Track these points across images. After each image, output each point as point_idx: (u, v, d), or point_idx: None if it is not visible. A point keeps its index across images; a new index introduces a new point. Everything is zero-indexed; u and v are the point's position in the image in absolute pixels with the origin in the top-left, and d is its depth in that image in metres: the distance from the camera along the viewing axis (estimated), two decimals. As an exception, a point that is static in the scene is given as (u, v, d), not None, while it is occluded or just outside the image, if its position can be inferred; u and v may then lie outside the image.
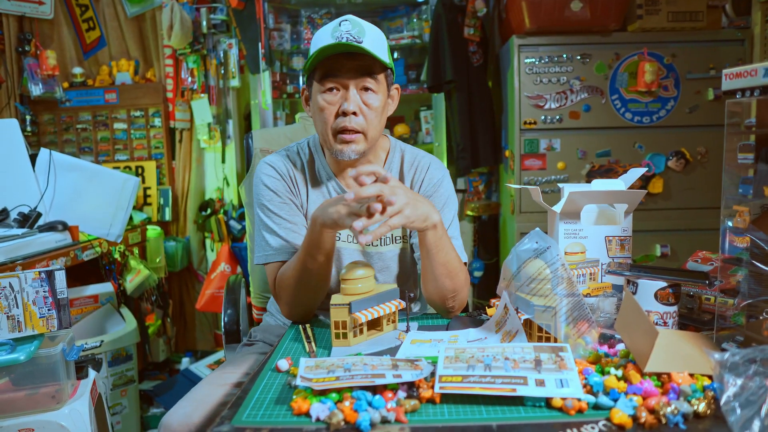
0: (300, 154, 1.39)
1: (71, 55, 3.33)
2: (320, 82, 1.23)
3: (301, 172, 1.37)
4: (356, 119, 1.22)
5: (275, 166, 1.35)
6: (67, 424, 1.50)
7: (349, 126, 1.22)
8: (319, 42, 1.20)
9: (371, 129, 1.25)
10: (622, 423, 0.69)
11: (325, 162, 1.37)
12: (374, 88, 1.23)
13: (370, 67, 1.21)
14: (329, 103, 1.22)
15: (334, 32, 1.18)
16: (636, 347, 0.83)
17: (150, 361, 2.99)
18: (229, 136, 3.35)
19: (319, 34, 1.22)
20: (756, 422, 0.67)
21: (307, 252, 1.16)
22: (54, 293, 1.45)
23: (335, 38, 1.17)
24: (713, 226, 2.71)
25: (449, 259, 1.18)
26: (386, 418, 0.73)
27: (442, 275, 1.19)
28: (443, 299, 1.22)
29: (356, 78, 1.21)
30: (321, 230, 1.11)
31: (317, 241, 1.14)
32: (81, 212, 2.38)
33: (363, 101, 1.23)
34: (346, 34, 1.17)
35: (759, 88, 0.86)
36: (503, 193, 3.19)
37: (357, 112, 1.22)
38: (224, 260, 3.10)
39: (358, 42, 1.16)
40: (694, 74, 2.72)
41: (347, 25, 1.18)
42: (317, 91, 1.24)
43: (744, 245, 0.94)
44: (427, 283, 1.23)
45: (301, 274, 1.18)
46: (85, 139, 3.34)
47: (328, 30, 1.20)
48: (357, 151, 1.24)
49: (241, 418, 0.76)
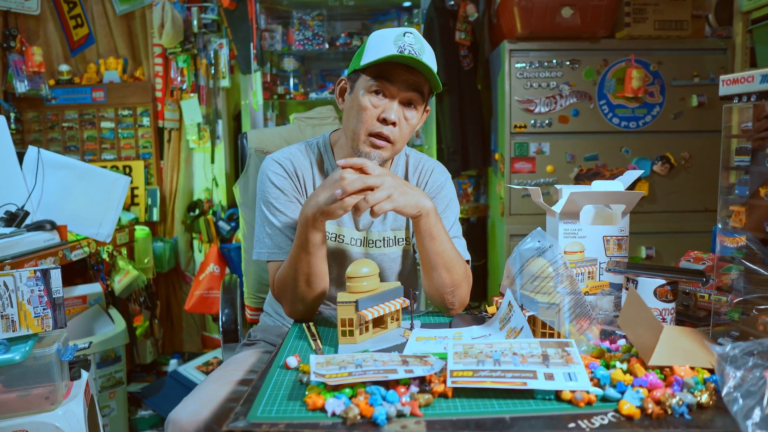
0: (308, 153, 1.39)
1: (58, 52, 3.29)
2: (372, 81, 1.22)
3: (308, 171, 1.37)
4: (392, 129, 1.23)
5: (283, 163, 1.35)
6: (61, 425, 1.48)
7: (384, 133, 1.23)
8: (381, 44, 1.19)
9: (400, 141, 1.27)
10: (631, 414, 0.72)
11: (335, 163, 1.38)
12: (416, 105, 1.25)
13: (421, 84, 1.23)
14: (374, 105, 1.22)
15: (398, 41, 1.18)
16: (640, 342, 0.86)
17: (137, 363, 2.96)
18: (219, 136, 3.34)
19: (380, 37, 1.21)
20: (757, 411, 0.69)
21: (300, 250, 1.16)
22: (49, 292, 1.44)
23: (398, 46, 1.17)
24: (697, 229, 2.80)
25: (445, 248, 1.20)
26: (402, 412, 0.74)
27: (439, 265, 1.20)
28: (442, 294, 1.23)
29: (406, 91, 1.22)
30: (313, 224, 1.12)
31: (306, 239, 1.14)
32: (70, 211, 2.36)
33: (404, 114, 1.24)
34: (409, 46, 1.18)
35: (755, 94, 0.90)
36: (492, 196, 3.23)
37: (396, 123, 1.23)
38: (213, 261, 3.09)
39: (420, 58, 1.18)
40: (678, 81, 2.79)
41: (411, 38, 1.19)
42: (364, 89, 1.23)
43: (735, 245, 0.97)
44: (425, 275, 1.24)
45: (295, 273, 1.19)
46: (71, 137, 3.30)
47: (391, 36, 1.19)
48: (382, 157, 1.26)
49: (255, 413, 0.76)
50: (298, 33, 3.19)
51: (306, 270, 1.18)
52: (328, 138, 1.42)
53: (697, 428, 0.69)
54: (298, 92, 3.26)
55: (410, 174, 1.42)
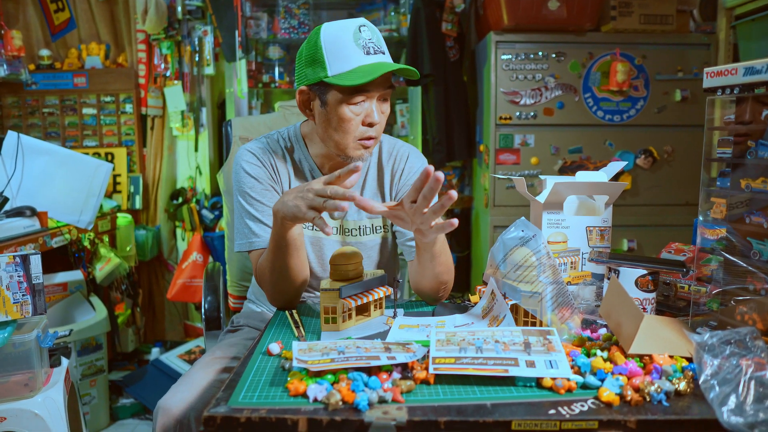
0: (280, 143, 1.38)
1: (38, 37, 3.23)
2: (350, 95, 1.18)
3: (282, 161, 1.36)
4: (377, 127, 1.24)
5: (256, 153, 1.34)
6: (41, 412, 1.47)
7: (373, 135, 1.23)
8: (343, 48, 1.15)
9: (381, 133, 1.28)
10: (610, 401, 0.72)
11: (308, 153, 1.36)
12: (388, 96, 1.25)
13: (390, 79, 1.22)
14: (355, 114, 1.20)
15: (358, 40, 1.16)
16: (620, 330, 0.87)
17: (119, 351, 2.94)
18: (203, 124, 3.30)
19: (338, 37, 1.16)
20: (732, 398, 0.71)
21: (275, 245, 1.15)
22: (29, 278, 1.42)
23: (362, 48, 1.15)
24: (678, 222, 2.83)
25: (448, 257, 1.22)
26: (383, 398, 0.74)
27: (442, 272, 1.21)
28: (436, 291, 1.25)
29: (383, 90, 1.21)
30: (282, 223, 1.10)
31: (282, 234, 1.12)
32: (50, 198, 2.33)
33: (380, 109, 1.23)
34: (370, 43, 1.16)
35: (739, 86, 0.91)
36: (476, 187, 3.24)
37: None
38: (196, 249, 3.07)
39: (382, 52, 1.17)
40: (662, 75, 2.81)
41: (368, 33, 1.17)
42: (338, 102, 1.19)
43: (715, 237, 0.99)
44: (425, 280, 1.23)
45: (273, 265, 1.18)
46: (51, 123, 3.25)
47: (348, 34, 1.16)
48: (370, 153, 1.27)
49: (237, 399, 0.76)
50: (283, 21, 3.15)
51: (281, 264, 1.16)
52: (299, 129, 1.39)
53: (675, 415, 0.70)
54: (283, 81, 3.23)
55: (384, 160, 1.41)
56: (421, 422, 0.70)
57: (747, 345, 0.78)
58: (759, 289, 0.89)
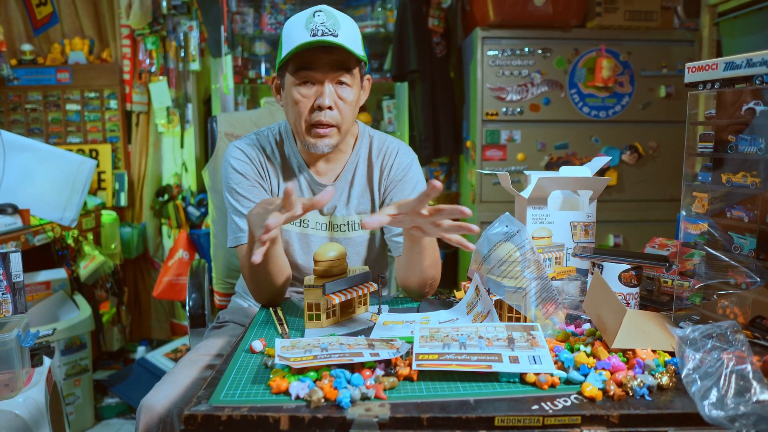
0: (270, 139, 1.38)
1: (20, 31, 3.18)
2: (294, 74, 1.21)
3: (271, 156, 1.36)
4: (331, 113, 1.22)
5: (244, 149, 1.34)
6: (21, 413, 1.45)
7: (323, 120, 1.22)
8: (293, 32, 1.18)
9: (345, 122, 1.26)
10: (593, 396, 0.73)
11: (296, 149, 1.36)
12: (349, 82, 1.23)
13: (345, 61, 1.21)
14: (304, 96, 1.21)
15: (308, 24, 1.16)
16: (604, 325, 0.87)
17: (104, 351, 2.91)
18: (188, 120, 3.27)
19: (292, 24, 1.20)
20: (714, 391, 0.71)
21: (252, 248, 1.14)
22: (9, 276, 1.39)
23: (309, 30, 1.15)
24: (663, 218, 2.85)
25: (435, 251, 1.22)
26: (366, 395, 0.74)
27: (428, 267, 1.21)
28: (423, 286, 1.25)
29: (332, 72, 1.20)
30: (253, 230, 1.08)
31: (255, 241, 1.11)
32: (33, 195, 2.29)
33: (338, 95, 1.22)
34: (321, 26, 1.15)
35: (719, 81, 0.91)
36: (463, 183, 3.24)
37: (332, 106, 1.22)
38: (182, 247, 3.04)
39: (334, 35, 1.15)
40: (647, 72, 2.83)
41: (322, 17, 1.17)
42: (291, 84, 1.22)
43: (697, 231, 0.99)
44: (411, 275, 1.23)
45: (252, 266, 1.16)
46: (34, 120, 3.20)
47: (302, 20, 1.18)
48: (330, 145, 1.25)
49: (218, 397, 0.75)
50: (270, 17, 3.13)
51: (258, 267, 1.15)
52: (288, 124, 1.40)
53: (657, 409, 0.70)
54: (269, 77, 3.20)
55: (374, 156, 1.40)
56: (404, 419, 0.69)
57: (728, 338, 0.78)
58: (740, 282, 0.89)
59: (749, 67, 0.86)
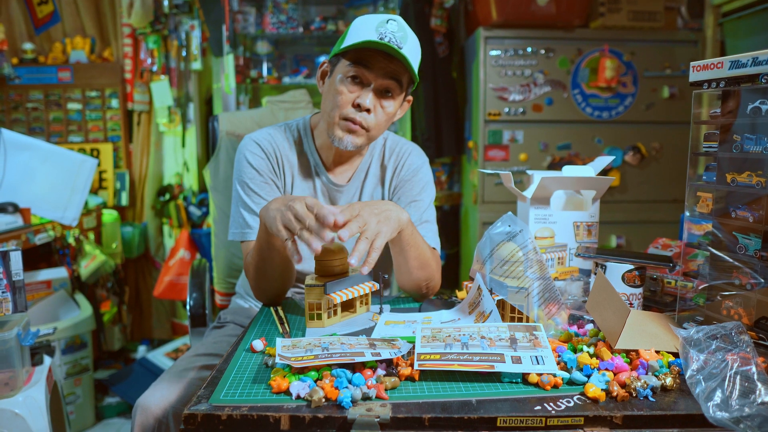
0: (288, 134, 1.37)
1: (21, 30, 3.18)
2: (348, 66, 1.20)
3: (287, 153, 1.35)
4: (368, 116, 1.22)
5: (261, 144, 1.33)
6: (21, 412, 1.45)
7: (358, 119, 1.21)
8: (362, 29, 1.18)
9: (376, 130, 1.25)
10: (596, 396, 0.72)
11: (314, 148, 1.36)
12: (393, 94, 1.23)
13: (399, 73, 1.21)
14: (349, 90, 1.21)
15: (380, 27, 1.16)
16: (607, 325, 0.86)
17: (105, 350, 2.91)
18: (190, 120, 3.27)
19: (363, 21, 1.19)
20: (718, 393, 0.70)
21: (259, 247, 1.14)
22: (9, 275, 1.39)
23: (378, 33, 1.15)
24: (666, 219, 2.84)
25: (420, 252, 1.19)
26: (367, 395, 0.73)
27: (415, 268, 1.20)
28: (417, 288, 1.24)
29: (383, 79, 1.20)
30: (265, 229, 1.08)
31: (265, 239, 1.11)
32: (34, 194, 2.29)
33: (380, 102, 1.22)
34: (391, 34, 1.15)
35: (724, 80, 0.90)
36: (465, 184, 3.24)
37: (371, 110, 1.21)
38: (183, 246, 3.04)
39: (399, 47, 1.15)
40: (651, 72, 2.82)
41: (394, 26, 1.17)
42: (341, 73, 1.21)
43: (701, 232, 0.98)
44: (401, 276, 1.23)
45: (257, 264, 1.16)
46: (35, 118, 3.20)
47: (374, 22, 1.17)
48: (355, 144, 1.24)
49: (218, 396, 0.75)
50: (272, 16, 3.12)
51: (264, 266, 1.15)
52: (308, 121, 1.40)
53: (661, 410, 0.70)
54: (271, 76, 3.20)
55: (386, 157, 1.41)
56: (406, 419, 0.69)
57: (733, 340, 0.77)
58: (744, 283, 0.89)
59: (755, 66, 0.85)
